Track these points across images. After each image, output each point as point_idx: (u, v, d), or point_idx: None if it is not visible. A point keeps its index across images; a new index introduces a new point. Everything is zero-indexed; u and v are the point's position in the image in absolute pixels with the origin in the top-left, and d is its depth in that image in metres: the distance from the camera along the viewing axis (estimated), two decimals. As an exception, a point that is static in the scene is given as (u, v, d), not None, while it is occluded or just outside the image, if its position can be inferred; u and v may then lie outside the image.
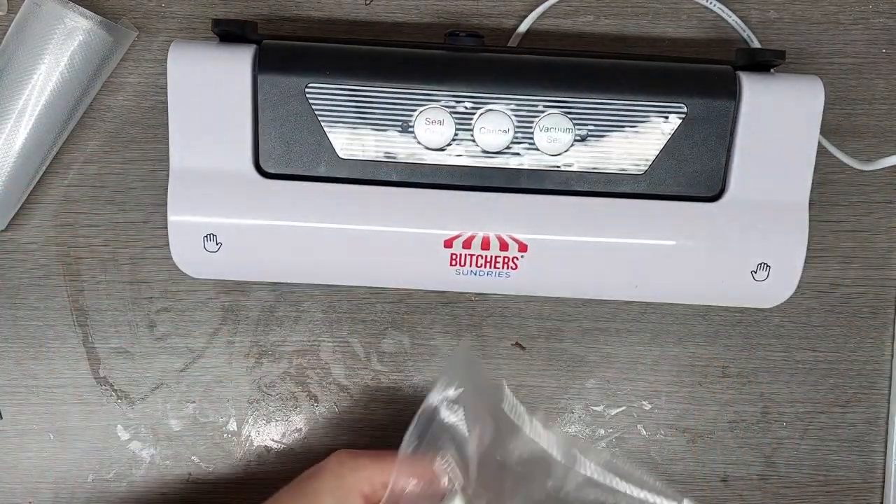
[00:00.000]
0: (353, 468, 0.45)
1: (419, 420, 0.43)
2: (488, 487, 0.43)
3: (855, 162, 0.52)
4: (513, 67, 0.48)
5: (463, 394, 0.43)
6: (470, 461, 0.43)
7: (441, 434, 0.43)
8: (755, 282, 0.49)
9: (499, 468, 0.43)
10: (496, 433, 0.43)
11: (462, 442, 0.43)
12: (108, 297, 0.55)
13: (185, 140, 0.47)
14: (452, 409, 0.43)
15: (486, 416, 0.43)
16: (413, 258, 0.48)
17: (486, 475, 0.43)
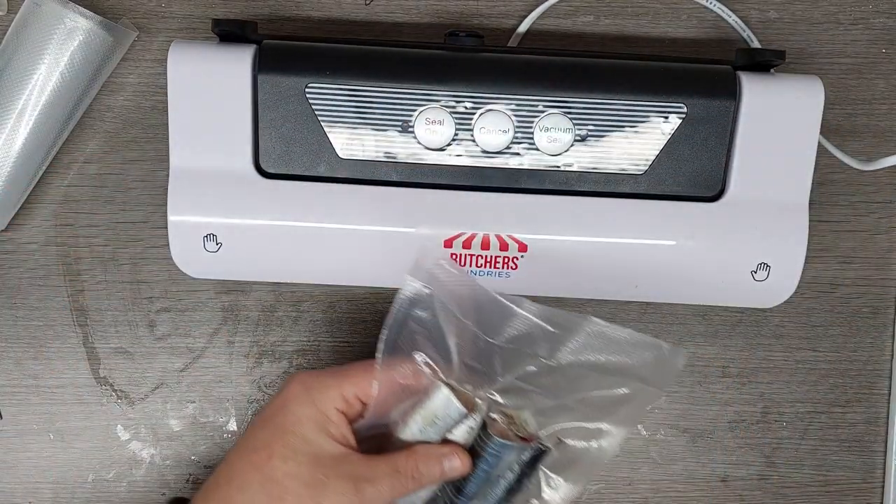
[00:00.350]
0: (322, 388, 0.42)
1: (391, 324, 0.43)
2: (474, 372, 0.43)
3: (855, 162, 0.52)
4: (513, 67, 0.48)
5: (432, 292, 0.43)
6: (451, 352, 0.42)
7: (414, 334, 0.43)
8: (755, 282, 0.49)
9: (485, 351, 0.43)
10: (478, 319, 0.43)
11: (439, 336, 0.43)
12: (108, 297, 0.55)
13: (185, 140, 0.47)
14: (422, 310, 0.43)
15: (464, 307, 0.43)
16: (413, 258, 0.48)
17: (470, 363, 0.43)
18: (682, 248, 0.48)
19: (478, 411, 0.43)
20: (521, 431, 0.43)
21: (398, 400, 0.43)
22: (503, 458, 0.42)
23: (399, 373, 0.43)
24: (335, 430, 0.42)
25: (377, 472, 0.41)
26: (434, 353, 0.43)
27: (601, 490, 0.57)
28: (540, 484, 0.44)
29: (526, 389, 0.43)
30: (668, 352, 0.43)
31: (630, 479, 0.57)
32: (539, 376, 0.43)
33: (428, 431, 0.43)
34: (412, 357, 0.43)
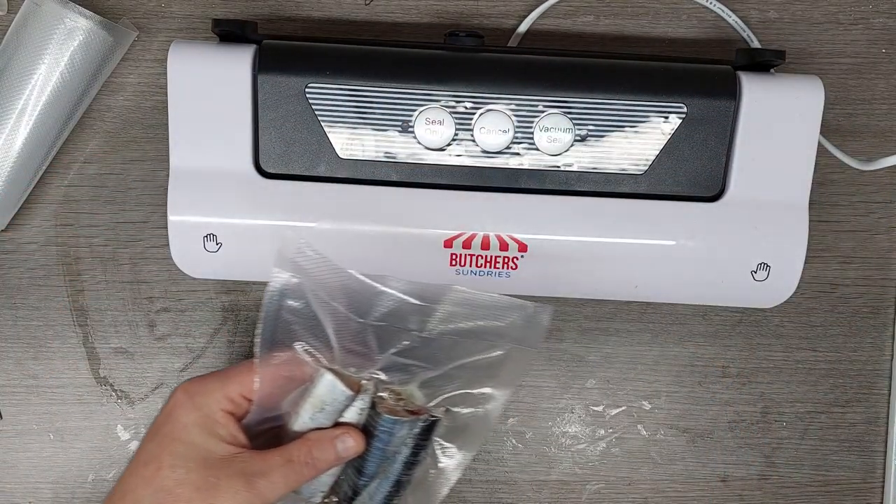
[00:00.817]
0: (206, 392, 0.43)
1: (264, 319, 0.43)
2: (355, 355, 0.43)
3: (855, 162, 0.52)
4: (513, 67, 0.48)
5: (301, 280, 0.43)
6: (329, 338, 0.43)
7: (290, 325, 0.43)
8: (755, 282, 0.49)
9: (360, 332, 0.43)
10: (347, 301, 0.43)
11: (315, 324, 0.43)
12: (108, 297, 0.55)
13: (185, 140, 0.47)
14: (293, 299, 0.43)
15: (332, 291, 0.43)
16: (413, 258, 0.48)
17: (349, 345, 0.43)
18: (682, 248, 0.48)
19: (364, 392, 0.43)
20: (410, 406, 0.44)
21: (285, 392, 0.43)
22: (395, 433, 0.43)
23: (279, 365, 0.43)
24: (223, 431, 0.42)
25: (270, 464, 0.42)
26: (313, 340, 0.43)
27: (601, 490, 0.57)
28: (436, 454, 0.46)
29: (407, 364, 0.44)
30: (533, 310, 0.44)
31: (630, 479, 0.57)
32: (416, 350, 0.44)
33: (318, 418, 0.43)
34: (292, 348, 0.43)
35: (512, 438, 0.56)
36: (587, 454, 0.57)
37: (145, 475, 0.41)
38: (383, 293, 0.43)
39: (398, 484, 0.44)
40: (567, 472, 0.57)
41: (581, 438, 0.56)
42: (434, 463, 0.46)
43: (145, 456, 0.42)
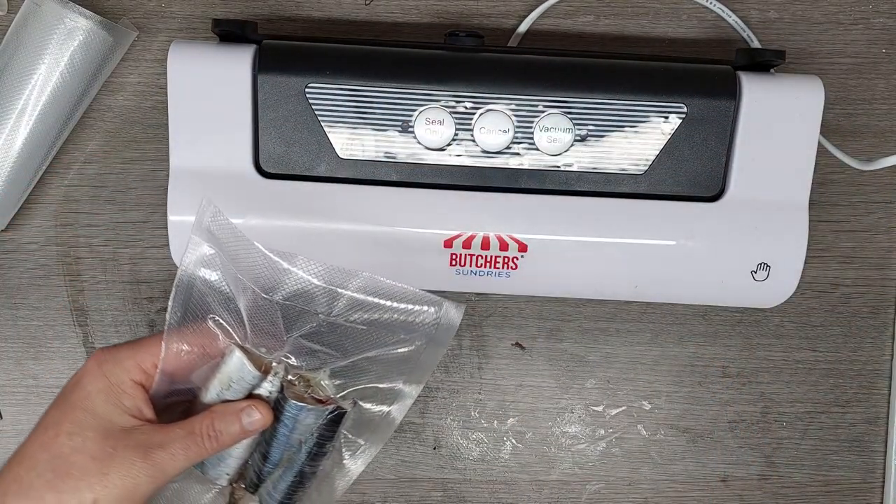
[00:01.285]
0: (116, 361, 0.42)
1: (177, 289, 0.42)
2: (266, 335, 0.43)
3: (855, 162, 0.52)
4: (513, 67, 0.48)
5: (216, 253, 0.42)
6: (242, 315, 0.42)
7: (204, 297, 0.43)
8: (755, 282, 0.49)
9: (269, 311, 0.43)
10: (256, 275, 0.42)
11: (227, 298, 0.42)
12: (108, 297, 0.55)
13: (185, 140, 0.47)
14: (209, 270, 0.42)
15: (243, 266, 0.42)
16: (413, 258, 0.48)
17: (259, 323, 0.43)
18: (682, 248, 0.48)
19: (274, 375, 0.43)
20: (319, 394, 0.44)
21: (196, 365, 0.43)
22: (301, 420, 0.43)
23: (189, 336, 0.42)
24: (129, 402, 0.42)
25: (170, 437, 0.41)
26: (226, 315, 0.43)
27: (601, 490, 0.57)
28: (341, 449, 0.45)
29: (314, 350, 0.43)
30: (445, 307, 0.43)
31: (630, 479, 0.57)
32: (324, 335, 0.43)
33: (226, 395, 0.42)
34: (204, 320, 0.43)
35: (512, 438, 0.56)
36: (587, 454, 0.57)
37: (44, 440, 0.41)
38: (289, 272, 0.42)
39: (302, 475, 0.44)
40: (567, 472, 0.57)
41: (581, 438, 0.56)
42: (339, 459, 0.45)
43: (47, 421, 0.42)
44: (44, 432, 0.42)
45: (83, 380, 0.42)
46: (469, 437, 0.56)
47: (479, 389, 0.56)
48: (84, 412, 0.41)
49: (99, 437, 0.41)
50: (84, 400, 0.41)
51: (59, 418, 0.42)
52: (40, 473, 0.40)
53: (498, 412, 0.56)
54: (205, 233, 0.42)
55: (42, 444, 0.41)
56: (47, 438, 0.41)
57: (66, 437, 0.41)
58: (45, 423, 0.42)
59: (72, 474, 0.40)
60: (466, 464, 0.56)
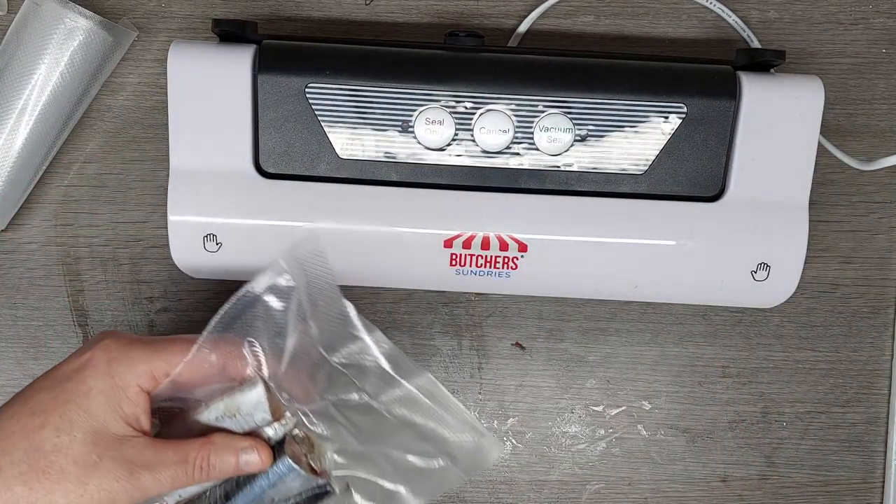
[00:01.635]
0: (128, 362, 0.39)
1: (237, 302, 0.40)
2: (295, 384, 0.41)
3: (855, 162, 0.52)
4: (513, 67, 0.48)
5: (295, 286, 0.40)
6: (284, 353, 0.40)
7: (256, 320, 0.40)
8: (755, 282, 0.49)
9: (317, 366, 0.40)
10: (323, 328, 0.40)
11: (279, 332, 0.40)
12: (108, 297, 0.55)
13: (185, 140, 0.47)
14: (278, 298, 0.40)
15: (316, 312, 0.41)
16: (413, 258, 0.48)
17: (298, 370, 0.40)
18: (682, 248, 0.48)
19: (283, 424, 0.40)
20: (315, 463, 0.41)
21: (210, 380, 0.40)
22: (286, 481, 0.40)
23: (222, 350, 0.40)
24: (128, 408, 0.39)
25: (162, 459, 0.38)
26: (267, 346, 0.40)
27: (601, 490, 0.57)
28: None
29: (339, 421, 0.41)
30: (487, 441, 0.41)
31: (630, 479, 0.57)
32: (356, 411, 0.41)
33: (224, 422, 0.40)
34: (241, 341, 0.40)
35: (512, 438, 0.56)
36: (587, 454, 0.57)
37: (28, 426, 0.38)
38: (362, 342, 0.40)
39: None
40: (567, 472, 0.57)
41: (581, 438, 0.56)
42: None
43: (34, 405, 0.39)
44: (29, 416, 0.38)
45: (86, 371, 0.39)
46: (469, 437, 0.56)
47: (479, 389, 0.56)
48: (78, 409, 0.38)
49: (87, 441, 0.38)
50: (82, 395, 0.38)
51: (49, 406, 0.38)
52: (14, 462, 0.37)
53: (498, 412, 0.56)
54: (294, 263, 0.40)
55: (24, 428, 0.38)
56: (32, 426, 0.38)
57: (53, 431, 0.38)
58: (31, 406, 0.39)
59: (49, 474, 0.37)
60: (466, 464, 0.56)
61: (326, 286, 0.41)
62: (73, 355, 0.40)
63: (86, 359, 0.40)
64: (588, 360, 0.56)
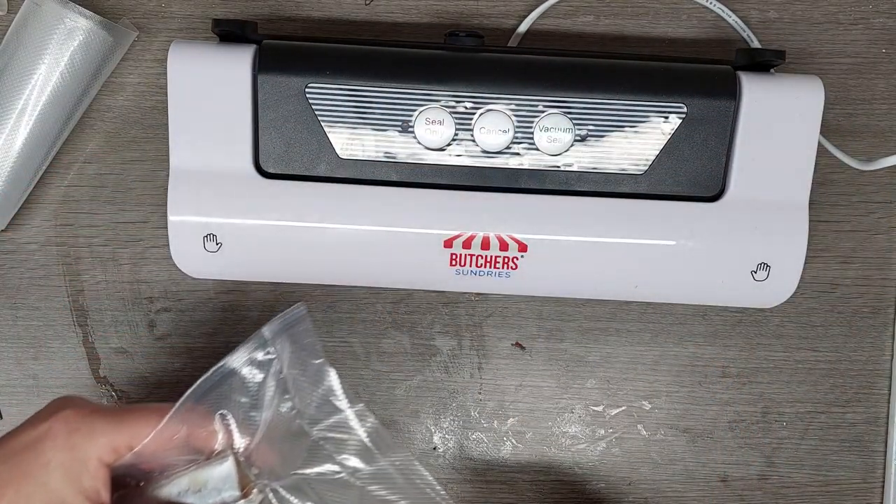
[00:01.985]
0: (89, 434, 0.37)
1: (212, 374, 0.39)
2: (269, 458, 0.40)
3: (855, 162, 0.52)
4: (513, 67, 0.48)
5: (275, 358, 0.40)
6: (258, 426, 0.39)
7: (232, 393, 0.39)
8: (755, 282, 0.49)
9: (294, 438, 0.39)
10: (305, 403, 0.40)
11: (254, 405, 0.40)
12: (108, 297, 0.55)
13: (185, 140, 0.47)
14: (256, 370, 0.40)
15: (299, 383, 0.40)
16: (413, 258, 0.48)
17: (271, 444, 0.39)
18: (682, 248, 0.48)
19: (250, 501, 0.39)
20: None
21: (176, 452, 0.39)
22: None
23: (193, 422, 0.38)
24: (88, 482, 0.37)
25: None
26: (241, 417, 0.39)
27: (601, 490, 0.57)
28: None
29: (311, 497, 0.40)
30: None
31: (630, 479, 0.57)
32: (332, 487, 0.40)
33: (188, 497, 0.39)
34: (212, 413, 0.39)
35: (512, 438, 0.56)
36: (587, 454, 0.57)
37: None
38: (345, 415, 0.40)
39: None
40: (567, 472, 0.57)
41: (581, 438, 0.56)
42: None
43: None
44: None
45: (45, 443, 0.37)
46: (469, 437, 0.56)
47: (479, 389, 0.56)
48: (36, 485, 0.36)
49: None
50: (40, 469, 0.36)
51: (5, 479, 0.36)
52: None
53: (498, 412, 0.56)
54: (279, 333, 0.40)
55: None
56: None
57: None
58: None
59: None
60: (466, 464, 0.56)
61: (312, 356, 0.41)
62: (30, 423, 0.38)
63: (44, 429, 0.37)
64: (588, 360, 0.56)
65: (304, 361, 0.41)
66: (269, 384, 0.40)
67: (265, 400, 0.40)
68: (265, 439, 0.40)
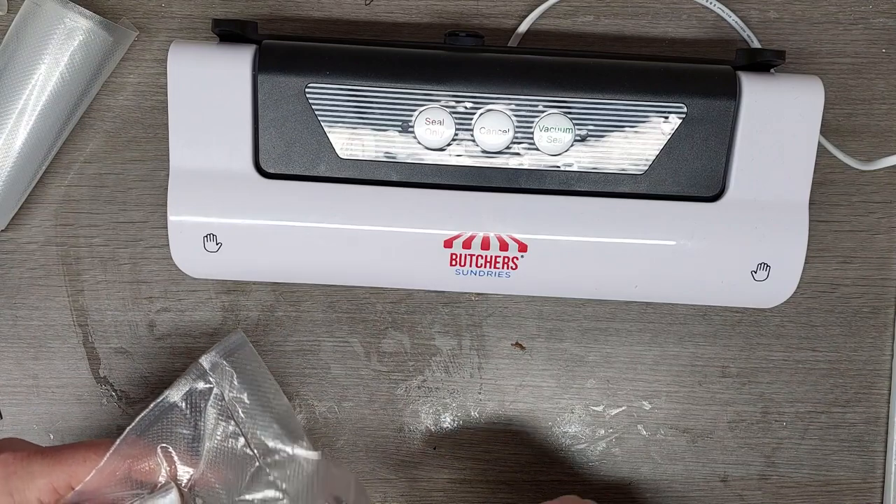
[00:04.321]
0: (27, 477, 0.37)
1: (153, 409, 0.40)
2: (213, 486, 0.40)
3: (855, 162, 0.52)
4: (513, 67, 0.48)
5: (214, 386, 0.41)
6: (201, 456, 0.40)
7: (173, 426, 0.40)
8: (755, 282, 0.49)
9: (238, 464, 0.40)
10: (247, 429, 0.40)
11: (197, 436, 0.40)
12: (108, 297, 0.55)
13: (185, 140, 0.47)
14: (197, 401, 0.41)
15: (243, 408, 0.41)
16: (413, 258, 0.48)
17: (216, 472, 0.40)
18: (682, 248, 0.48)
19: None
20: None
21: (118, 487, 0.39)
22: None
23: (134, 457, 0.39)
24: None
25: None
26: (184, 448, 0.40)
27: (601, 490, 0.57)
28: None
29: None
30: None
31: (630, 479, 0.57)
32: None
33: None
34: (154, 447, 0.39)
35: (512, 438, 0.56)
36: (587, 454, 0.57)
37: None
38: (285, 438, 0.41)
39: None
40: (567, 472, 0.57)
41: (581, 438, 0.56)
42: None
43: None
44: None
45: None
46: (469, 437, 0.56)
47: (479, 389, 0.56)
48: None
49: None
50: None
51: None
52: None
53: (498, 412, 0.56)
54: (219, 362, 0.41)
55: None
56: None
57: None
58: None
59: None
60: (466, 464, 0.56)
61: (258, 381, 0.41)
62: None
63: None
64: (588, 360, 0.56)
65: (251, 387, 0.42)
66: (210, 413, 0.41)
67: (207, 429, 0.41)
68: (209, 468, 0.40)
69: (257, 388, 0.42)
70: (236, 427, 0.41)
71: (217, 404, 0.41)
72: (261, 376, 0.42)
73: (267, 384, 0.43)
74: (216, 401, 0.41)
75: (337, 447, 0.56)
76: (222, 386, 0.41)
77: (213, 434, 0.41)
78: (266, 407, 0.42)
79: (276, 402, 0.42)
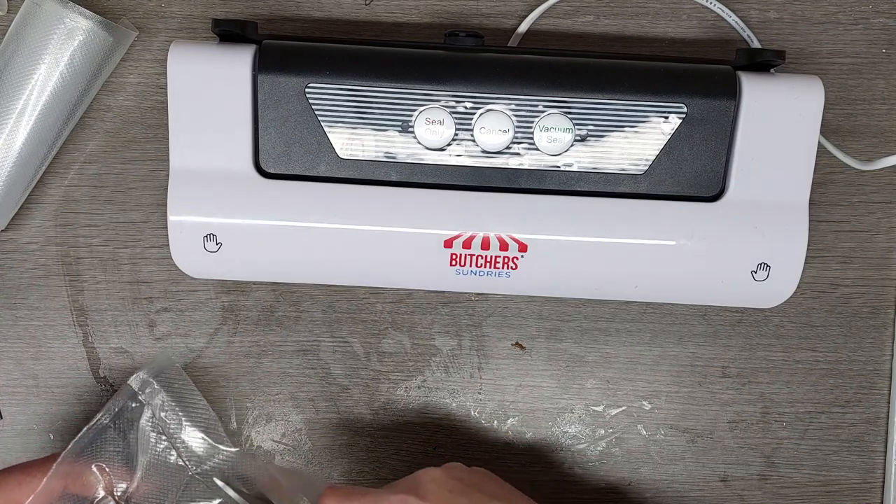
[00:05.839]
0: None
1: (87, 431, 0.43)
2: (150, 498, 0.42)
3: (855, 162, 0.52)
4: (513, 67, 0.48)
5: (145, 404, 0.43)
6: (136, 471, 0.42)
7: (107, 444, 0.43)
8: (755, 282, 0.49)
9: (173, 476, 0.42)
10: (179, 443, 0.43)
11: (130, 452, 0.43)
12: (108, 297, 0.55)
13: (185, 140, 0.47)
14: (128, 419, 0.43)
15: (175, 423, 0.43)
16: (413, 258, 0.48)
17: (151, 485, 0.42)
18: (682, 248, 0.48)
19: None
20: None
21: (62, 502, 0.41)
22: None
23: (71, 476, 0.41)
24: None
25: None
26: (119, 464, 0.42)
27: (601, 490, 0.57)
28: None
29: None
30: None
31: (630, 479, 0.57)
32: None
33: None
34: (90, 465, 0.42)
35: (512, 438, 0.56)
36: (587, 454, 0.57)
37: None
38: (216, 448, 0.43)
39: None
40: (567, 472, 0.57)
41: (581, 438, 0.56)
42: None
43: None
44: None
45: None
46: (469, 437, 0.56)
47: (479, 389, 0.56)
48: None
49: None
50: None
51: None
52: None
53: (498, 412, 0.56)
54: (148, 381, 0.43)
55: None
56: None
57: None
58: None
59: None
60: (466, 464, 0.56)
61: (187, 398, 0.44)
62: None
63: None
64: (588, 360, 0.56)
65: (180, 403, 0.44)
66: (143, 429, 0.44)
67: (140, 445, 0.43)
68: (144, 481, 0.43)
69: (185, 404, 0.45)
70: (168, 441, 0.44)
71: (149, 421, 0.44)
72: (188, 392, 0.45)
73: (194, 399, 0.45)
74: (147, 418, 0.44)
75: (337, 447, 0.56)
76: (153, 404, 0.44)
77: (146, 449, 0.43)
78: (194, 420, 0.45)
79: (204, 415, 0.45)
